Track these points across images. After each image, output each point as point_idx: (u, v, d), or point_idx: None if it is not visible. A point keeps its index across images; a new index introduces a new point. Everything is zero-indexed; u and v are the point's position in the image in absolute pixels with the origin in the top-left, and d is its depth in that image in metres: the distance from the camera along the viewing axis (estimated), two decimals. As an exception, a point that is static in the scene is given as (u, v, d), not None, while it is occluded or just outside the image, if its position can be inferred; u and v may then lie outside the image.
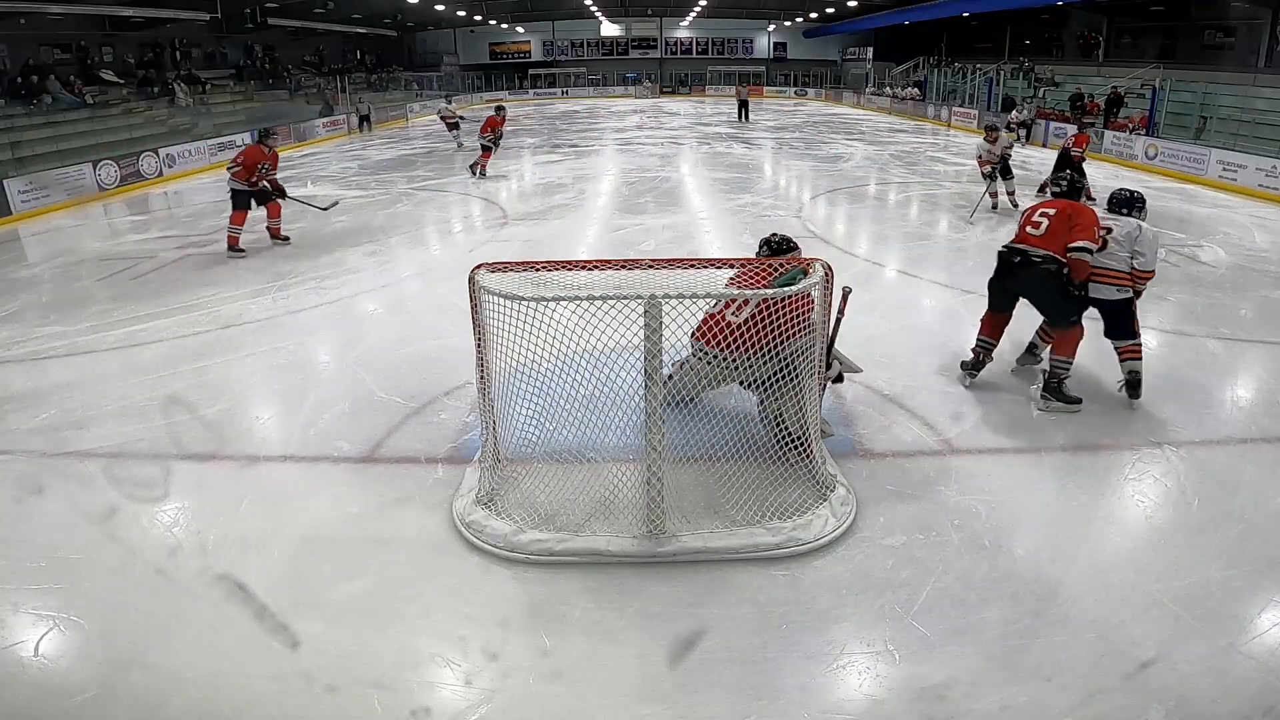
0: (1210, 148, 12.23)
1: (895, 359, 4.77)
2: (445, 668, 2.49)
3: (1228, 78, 16.16)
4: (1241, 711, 2.31)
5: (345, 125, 22.05)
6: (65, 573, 2.97)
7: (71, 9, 16.88)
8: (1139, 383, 4.16)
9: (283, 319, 5.93)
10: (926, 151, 16.49)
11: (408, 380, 4.61)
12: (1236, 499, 3.33)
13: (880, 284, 6.66)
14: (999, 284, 4.34)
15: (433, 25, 36.39)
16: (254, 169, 7.92)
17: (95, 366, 5.06)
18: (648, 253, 7.49)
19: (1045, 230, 4.09)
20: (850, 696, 2.37)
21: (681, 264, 3.24)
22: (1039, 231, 4.10)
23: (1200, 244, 7.99)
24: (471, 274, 3.05)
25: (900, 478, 3.53)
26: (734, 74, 40.03)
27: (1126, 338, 4.16)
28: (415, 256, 8.00)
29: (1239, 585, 2.79)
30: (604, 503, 3.18)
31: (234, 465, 3.76)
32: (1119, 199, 4.31)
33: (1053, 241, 4.04)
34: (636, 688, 2.41)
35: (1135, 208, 4.26)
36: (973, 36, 29.98)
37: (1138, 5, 21.56)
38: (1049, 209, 4.18)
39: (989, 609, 2.70)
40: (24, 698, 2.44)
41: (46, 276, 7.57)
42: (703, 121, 24.38)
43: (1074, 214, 4.08)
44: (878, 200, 11.09)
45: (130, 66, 20.08)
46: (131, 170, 13.11)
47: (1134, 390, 4.17)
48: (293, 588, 2.87)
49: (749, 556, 2.96)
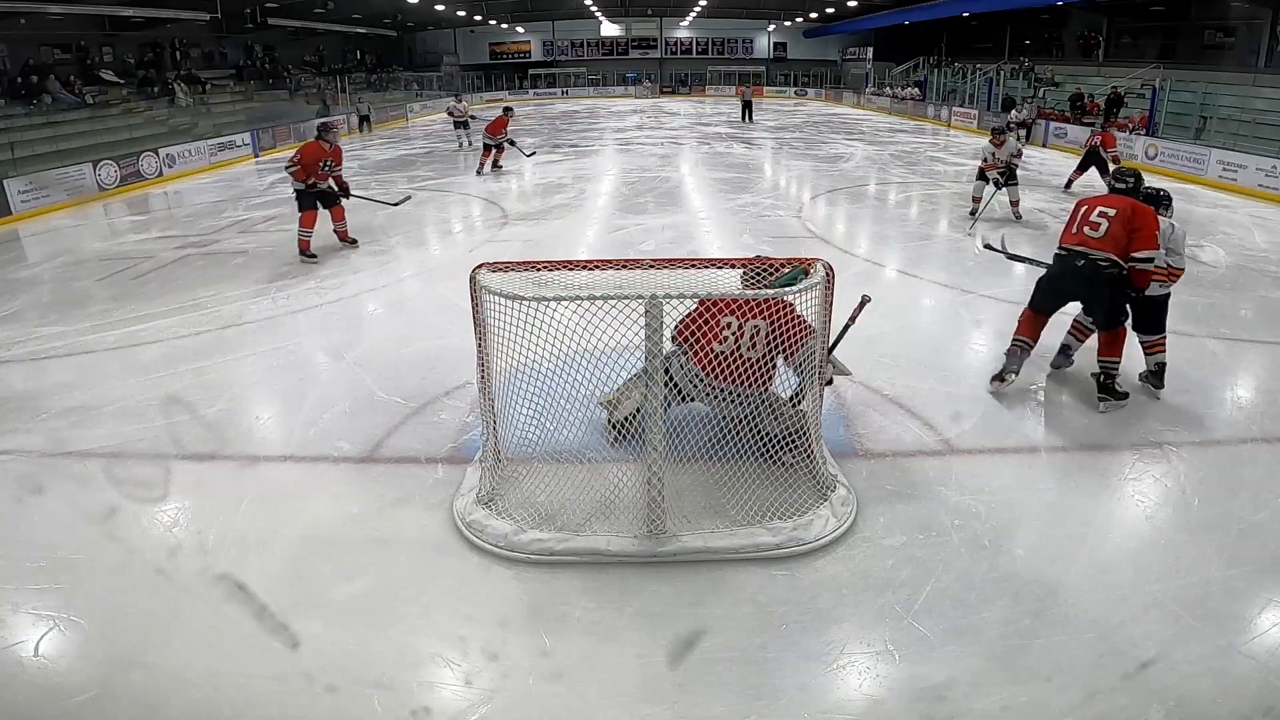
0: (1210, 148, 12.23)
1: (895, 359, 4.77)
2: (445, 668, 2.49)
3: (1228, 78, 16.16)
4: (1241, 711, 2.31)
5: (345, 125, 22.05)
6: (65, 573, 2.97)
7: (71, 9, 16.88)
8: (1163, 373, 4.26)
9: (283, 319, 5.94)
10: (926, 151, 16.49)
11: (408, 380, 4.61)
12: (1236, 499, 3.33)
13: (880, 284, 6.66)
14: (1053, 286, 4.20)
15: (433, 25, 36.39)
16: (313, 168, 7.33)
17: (95, 366, 5.06)
18: (648, 253, 7.49)
19: (1105, 233, 3.91)
20: (850, 696, 2.37)
21: (682, 264, 3.24)
22: (1098, 234, 3.93)
23: (1200, 244, 7.98)
24: (473, 274, 3.05)
25: (900, 478, 3.53)
26: (734, 74, 40.08)
27: (1158, 331, 4.23)
28: (415, 256, 7.99)
29: (1239, 585, 2.79)
30: (604, 502, 3.18)
31: (234, 465, 3.76)
32: (1147, 198, 4.21)
33: (1111, 244, 3.88)
34: (636, 688, 2.41)
35: (1162, 206, 4.23)
36: (973, 36, 29.98)
37: (1138, 5, 21.56)
38: (1108, 208, 3.96)
39: (989, 609, 2.70)
40: (24, 698, 2.44)
41: (46, 276, 7.57)
42: (703, 121, 24.38)
43: (1134, 215, 3.90)
44: (878, 200, 11.09)
45: (130, 66, 20.08)
46: (131, 170, 13.11)
47: (1159, 380, 4.27)
48: (293, 588, 2.87)
49: (749, 556, 2.96)
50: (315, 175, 7.38)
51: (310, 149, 7.50)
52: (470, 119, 17.80)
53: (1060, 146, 16.10)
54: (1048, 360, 4.71)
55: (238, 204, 11.30)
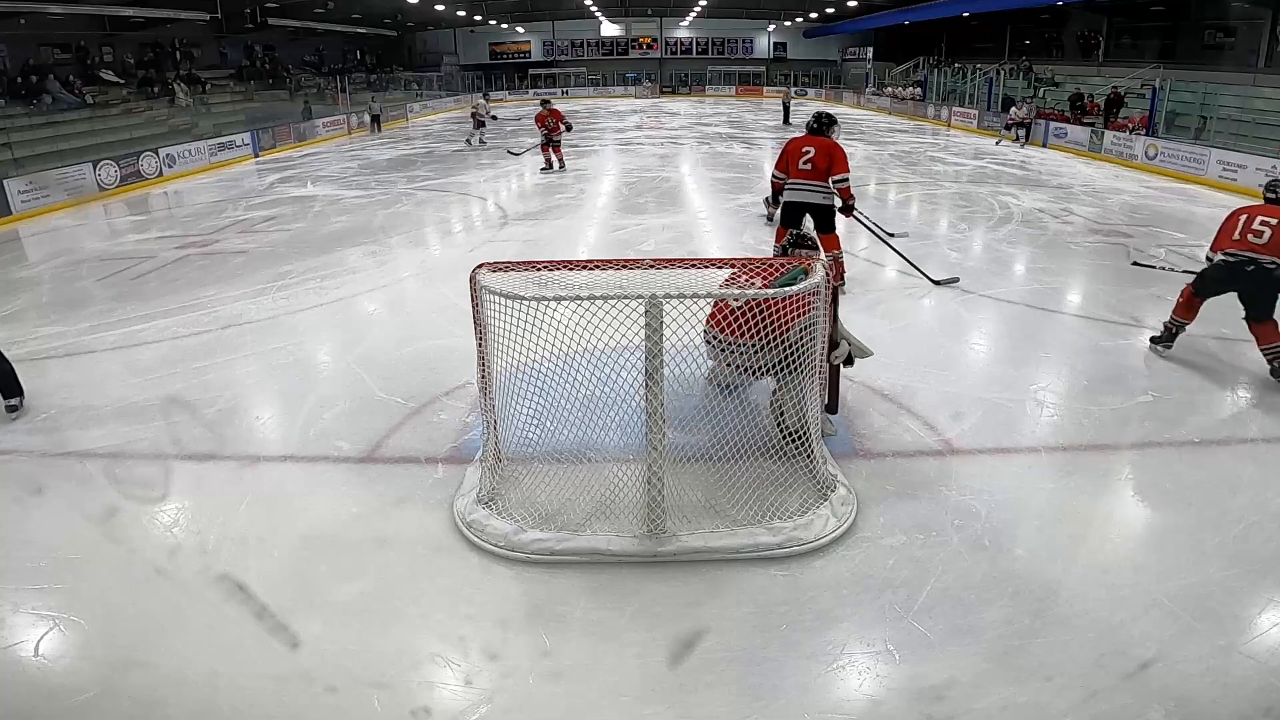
0: (1210, 148, 12.22)
1: (895, 359, 4.77)
2: (445, 668, 2.49)
3: (1228, 78, 16.16)
4: (1241, 711, 2.30)
5: (345, 125, 22.06)
6: (65, 573, 2.97)
7: (71, 9, 16.89)
8: None
9: (283, 319, 5.94)
10: (926, 151, 16.49)
11: (408, 380, 4.61)
12: (1236, 499, 3.33)
13: (880, 284, 6.66)
14: (1219, 285, 4.63)
15: (433, 25, 36.41)
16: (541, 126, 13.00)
17: (95, 366, 5.06)
18: (648, 253, 7.49)
19: (1268, 239, 4.41)
20: (850, 696, 2.37)
21: (682, 264, 3.24)
22: (1261, 240, 4.43)
23: (1200, 244, 7.98)
24: (473, 273, 3.06)
25: (900, 478, 3.52)
26: (734, 74, 40.11)
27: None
28: (415, 256, 8.00)
29: (1239, 585, 2.79)
30: (604, 502, 3.18)
31: (234, 465, 3.76)
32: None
33: (1275, 249, 4.40)
34: (637, 688, 2.41)
35: None
36: (973, 36, 29.99)
37: (1138, 5, 21.58)
38: (1269, 217, 4.47)
39: (989, 609, 2.69)
40: (24, 698, 2.44)
41: (46, 276, 7.58)
42: (703, 121, 24.39)
43: None
44: (878, 200, 11.08)
45: (130, 66, 20.09)
46: (131, 170, 13.12)
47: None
48: (293, 588, 2.87)
49: (749, 556, 2.96)
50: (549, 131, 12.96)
51: (540, 115, 13.01)
52: (493, 118, 18.14)
53: (1060, 146, 16.10)
54: (1047, 358, 4.70)
55: (238, 204, 11.30)
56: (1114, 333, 5.35)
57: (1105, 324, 5.52)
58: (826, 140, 5.76)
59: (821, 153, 5.66)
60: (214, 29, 21.82)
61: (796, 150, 5.79)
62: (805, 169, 5.73)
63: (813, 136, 5.82)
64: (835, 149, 5.66)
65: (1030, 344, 5.20)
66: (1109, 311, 5.77)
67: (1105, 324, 5.52)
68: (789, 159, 5.81)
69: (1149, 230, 8.64)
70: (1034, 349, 5.10)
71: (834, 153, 5.64)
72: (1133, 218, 9.37)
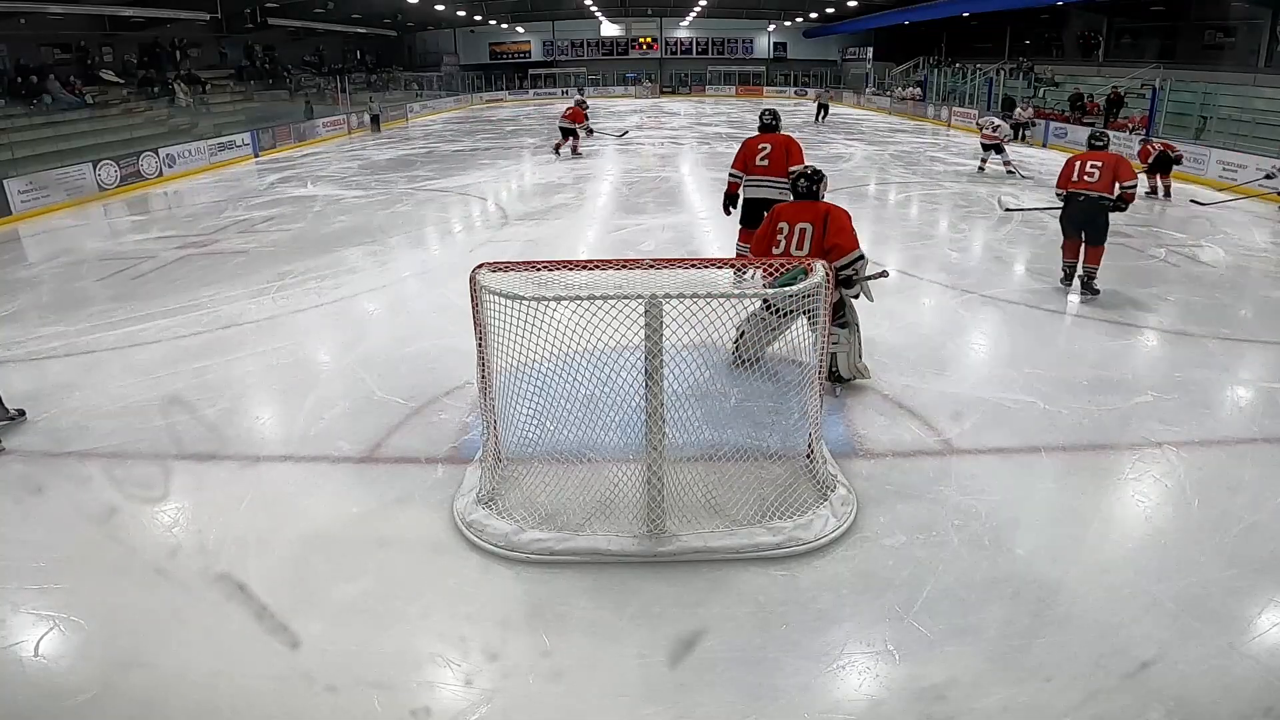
0: (1210, 148, 12.22)
1: (895, 359, 4.77)
2: (445, 668, 2.49)
3: (1228, 78, 16.16)
4: (1241, 711, 2.31)
5: (345, 125, 22.06)
6: (65, 573, 2.97)
7: (71, 9, 16.88)
8: None
9: (283, 319, 5.94)
10: (926, 151, 16.49)
11: (408, 380, 4.61)
12: (1236, 499, 3.33)
13: (880, 284, 6.63)
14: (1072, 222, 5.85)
15: (433, 25, 36.39)
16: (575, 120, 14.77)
17: (95, 366, 5.06)
18: (648, 253, 7.49)
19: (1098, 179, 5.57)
20: (850, 696, 2.37)
21: (682, 264, 3.24)
22: (1094, 179, 5.61)
23: (1200, 244, 7.99)
24: (473, 273, 3.05)
25: (900, 478, 3.53)
26: (734, 74, 40.08)
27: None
28: (415, 256, 8.00)
29: (1239, 585, 2.79)
30: (604, 502, 3.18)
31: (234, 465, 3.76)
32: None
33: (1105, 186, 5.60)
34: (636, 688, 2.41)
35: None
36: (973, 36, 29.99)
37: (1138, 5, 21.57)
38: (1097, 161, 5.61)
39: (989, 609, 2.70)
40: (24, 698, 2.44)
41: (46, 276, 7.58)
42: (702, 121, 24.39)
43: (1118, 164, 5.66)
44: (878, 200, 11.09)
45: (130, 66, 20.08)
46: (131, 170, 13.11)
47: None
48: (293, 588, 2.87)
49: (749, 556, 2.96)
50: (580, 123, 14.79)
51: (578, 112, 14.80)
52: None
53: (1060, 146, 16.09)
54: (1047, 358, 4.71)
55: (238, 204, 11.30)
56: (1114, 332, 5.35)
57: (1105, 324, 5.52)
58: (781, 135, 5.85)
59: (778, 148, 5.72)
60: (214, 29, 21.81)
61: (753, 148, 5.83)
62: (763, 165, 5.77)
63: (767, 134, 5.87)
64: (791, 143, 5.76)
65: (1030, 344, 5.20)
66: (1109, 311, 5.77)
67: (1105, 324, 5.52)
68: (745, 157, 5.87)
69: (1149, 230, 8.64)
70: (1034, 349, 5.10)
71: (790, 146, 5.72)
72: (1132, 217, 9.36)
